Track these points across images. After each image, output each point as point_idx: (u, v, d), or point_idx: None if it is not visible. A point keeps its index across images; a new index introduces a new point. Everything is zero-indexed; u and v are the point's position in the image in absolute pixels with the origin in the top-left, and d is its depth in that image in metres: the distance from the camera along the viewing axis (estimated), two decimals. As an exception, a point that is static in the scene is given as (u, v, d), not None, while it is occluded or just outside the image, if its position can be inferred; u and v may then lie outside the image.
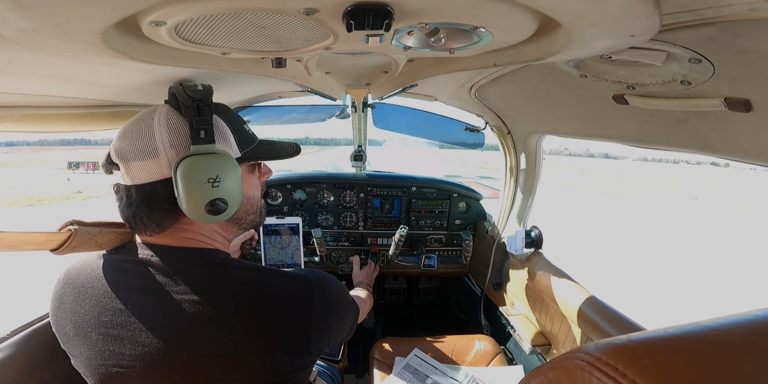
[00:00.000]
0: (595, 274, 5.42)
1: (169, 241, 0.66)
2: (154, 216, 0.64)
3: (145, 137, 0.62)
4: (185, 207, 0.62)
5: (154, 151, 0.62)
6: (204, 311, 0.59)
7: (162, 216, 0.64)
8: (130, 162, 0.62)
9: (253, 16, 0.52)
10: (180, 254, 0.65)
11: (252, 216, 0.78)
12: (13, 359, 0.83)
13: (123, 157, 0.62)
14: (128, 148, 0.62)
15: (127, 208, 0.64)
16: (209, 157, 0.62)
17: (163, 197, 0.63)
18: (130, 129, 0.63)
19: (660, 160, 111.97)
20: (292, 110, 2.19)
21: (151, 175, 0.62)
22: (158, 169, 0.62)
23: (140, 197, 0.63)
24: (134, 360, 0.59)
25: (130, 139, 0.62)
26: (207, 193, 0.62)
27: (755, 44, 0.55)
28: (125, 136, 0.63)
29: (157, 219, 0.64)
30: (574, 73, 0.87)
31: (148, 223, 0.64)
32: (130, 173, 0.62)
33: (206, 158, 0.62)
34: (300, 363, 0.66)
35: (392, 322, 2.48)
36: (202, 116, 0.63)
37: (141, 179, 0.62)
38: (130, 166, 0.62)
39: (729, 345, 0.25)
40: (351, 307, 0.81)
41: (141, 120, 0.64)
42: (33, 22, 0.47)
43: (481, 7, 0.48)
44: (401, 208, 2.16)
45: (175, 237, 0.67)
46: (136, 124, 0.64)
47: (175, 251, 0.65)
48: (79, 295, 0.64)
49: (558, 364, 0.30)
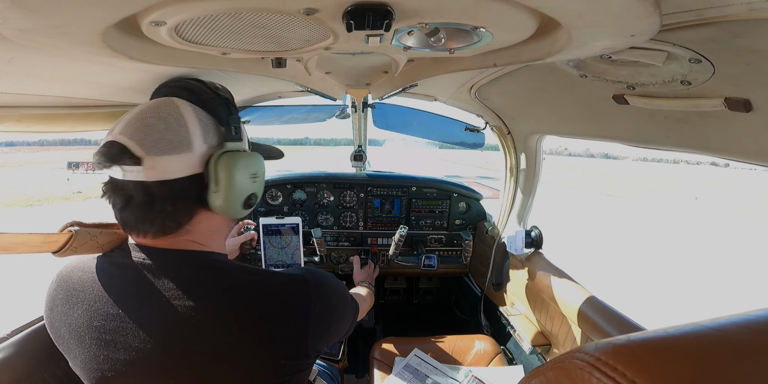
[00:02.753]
0: (591, 273, 5.42)
1: (166, 243, 0.64)
2: (177, 214, 0.62)
3: (179, 129, 0.60)
4: (221, 202, 0.63)
5: (189, 145, 0.60)
6: (199, 314, 0.58)
7: (185, 214, 0.63)
8: (159, 155, 0.58)
9: (253, 16, 0.52)
10: (174, 257, 0.64)
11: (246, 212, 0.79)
12: (12, 359, 0.83)
13: (152, 149, 0.57)
14: (159, 139, 0.58)
15: (145, 208, 0.59)
16: (248, 154, 0.67)
17: (191, 193, 0.62)
18: (153, 120, 0.59)
19: (660, 160, 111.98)
20: (292, 110, 2.19)
21: (182, 170, 0.60)
22: (190, 164, 0.61)
23: (165, 194, 0.59)
24: (129, 365, 0.59)
25: (159, 131, 0.59)
26: (248, 188, 0.66)
27: (755, 44, 0.55)
28: (148, 125, 0.59)
29: (179, 218, 0.62)
30: (574, 73, 0.87)
31: (169, 224, 0.61)
32: (156, 168, 0.58)
33: (247, 155, 0.66)
34: (298, 365, 0.65)
35: (392, 322, 2.48)
36: (234, 115, 0.66)
37: (171, 174, 0.59)
38: (159, 160, 0.58)
39: (729, 345, 0.25)
40: (349, 305, 0.80)
41: (164, 112, 0.61)
42: (33, 22, 0.47)
43: (481, 7, 0.48)
44: (401, 208, 2.16)
45: (177, 239, 0.64)
46: (159, 115, 0.60)
47: (169, 254, 0.64)
48: (71, 298, 0.63)
49: (558, 364, 0.30)
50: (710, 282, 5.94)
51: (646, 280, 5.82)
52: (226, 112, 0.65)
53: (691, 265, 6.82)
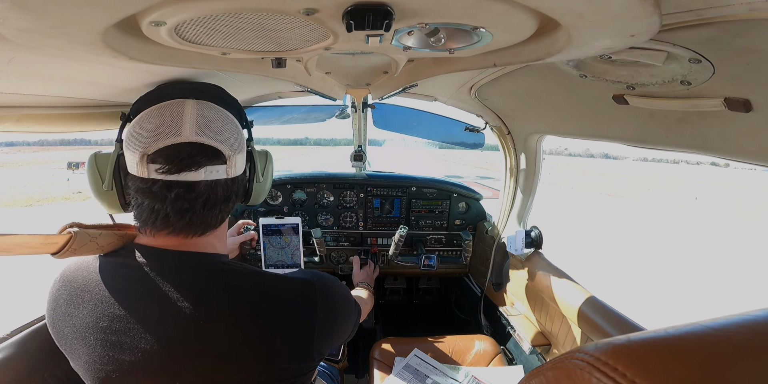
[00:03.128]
0: (592, 273, 5.42)
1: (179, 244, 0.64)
2: (232, 206, 0.68)
3: (237, 131, 0.68)
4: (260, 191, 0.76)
5: (244, 144, 0.69)
6: (204, 317, 0.58)
7: (231, 208, 0.69)
8: (237, 154, 0.65)
9: (253, 16, 0.52)
10: (180, 258, 0.64)
11: None
12: (12, 359, 0.83)
13: (233, 148, 0.64)
14: (234, 141, 0.65)
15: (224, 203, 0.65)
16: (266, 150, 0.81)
17: (241, 187, 0.70)
18: (220, 123, 0.65)
19: (660, 160, 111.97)
20: (292, 110, 2.19)
21: (242, 166, 0.68)
22: (245, 160, 0.70)
23: (236, 188, 0.68)
24: (134, 366, 0.59)
25: (230, 132, 0.65)
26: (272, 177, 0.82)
27: (755, 44, 0.55)
28: (222, 128, 0.64)
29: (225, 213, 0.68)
30: (574, 73, 0.87)
31: (224, 216, 0.68)
32: (235, 166, 0.65)
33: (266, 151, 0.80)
34: (302, 368, 0.65)
35: (392, 323, 2.48)
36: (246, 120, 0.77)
37: (240, 170, 0.67)
38: (236, 159, 0.65)
39: (729, 345, 0.25)
40: (353, 309, 0.80)
41: (220, 114, 0.67)
42: (33, 22, 0.47)
43: (481, 7, 0.48)
44: (401, 208, 2.16)
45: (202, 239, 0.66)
46: (220, 119, 0.66)
47: (175, 255, 0.64)
48: (76, 299, 0.63)
49: (557, 365, 0.30)
50: (710, 282, 5.94)
51: (646, 280, 5.82)
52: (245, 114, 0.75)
53: (691, 265, 6.82)
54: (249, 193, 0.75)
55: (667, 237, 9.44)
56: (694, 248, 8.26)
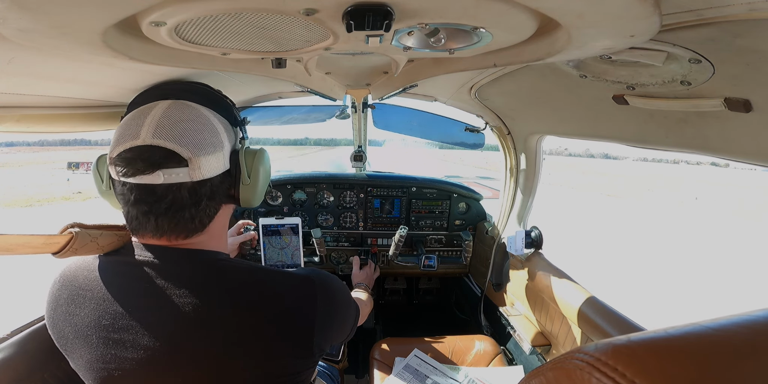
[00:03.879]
0: (592, 273, 5.42)
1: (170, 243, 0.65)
2: (209, 212, 0.66)
3: (213, 130, 0.65)
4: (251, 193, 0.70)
5: (221, 145, 0.66)
6: (205, 313, 0.59)
7: (214, 211, 0.67)
8: (203, 156, 0.61)
9: (253, 16, 0.52)
10: (180, 255, 0.64)
11: None
12: (12, 359, 0.83)
13: (197, 149, 0.61)
14: (202, 142, 0.62)
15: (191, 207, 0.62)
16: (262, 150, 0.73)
17: (223, 189, 0.68)
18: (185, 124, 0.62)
19: (660, 160, 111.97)
20: (292, 110, 2.19)
21: (217, 168, 0.65)
22: (222, 161, 0.66)
23: (206, 191, 0.64)
24: (136, 363, 0.59)
25: (200, 133, 0.62)
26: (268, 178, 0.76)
27: (755, 44, 0.55)
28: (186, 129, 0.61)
29: (211, 214, 0.67)
30: (574, 73, 0.87)
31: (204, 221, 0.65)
32: (200, 168, 0.61)
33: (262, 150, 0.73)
34: (302, 364, 0.66)
35: (392, 323, 2.48)
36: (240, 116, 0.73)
37: (209, 173, 0.63)
38: (202, 161, 0.61)
39: (729, 345, 0.25)
40: (352, 307, 0.80)
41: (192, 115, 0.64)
42: (33, 22, 0.47)
43: (481, 7, 0.48)
44: (401, 208, 2.16)
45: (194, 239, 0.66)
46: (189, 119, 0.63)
47: (175, 252, 0.64)
48: (77, 298, 0.63)
49: (557, 365, 0.30)
50: (710, 282, 5.94)
51: (646, 280, 5.82)
52: (236, 113, 0.72)
53: (690, 265, 6.82)
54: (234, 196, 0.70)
55: (667, 237, 9.44)
56: (694, 248, 8.25)
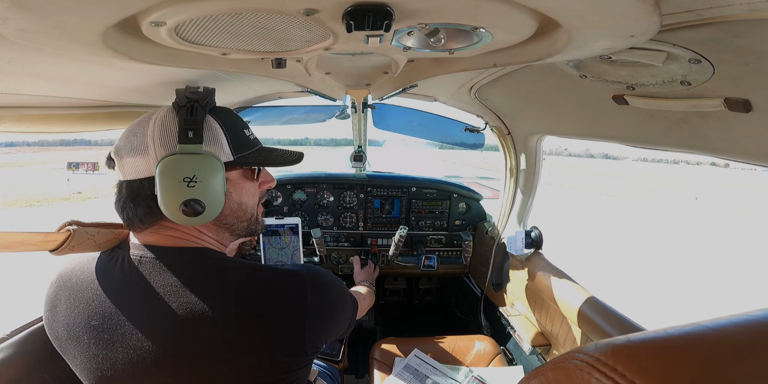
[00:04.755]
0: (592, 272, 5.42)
1: (158, 240, 0.66)
2: (138, 212, 0.65)
3: (139, 135, 0.64)
4: (162, 205, 0.62)
5: (145, 149, 0.62)
6: (195, 311, 0.58)
7: (145, 213, 0.65)
8: (123, 158, 0.64)
9: (253, 16, 0.52)
10: (171, 254, 0.64)
11: (245, 223, 0.75)
12: (12, 359, 0.83)
13: (118, 152, 0.65)
14: (122, 145, 0.65)
15: (117, 202, 0.67)
16: (190, 157, 0.61)
17: (147, 194, 0.64)
18: (131, 127, 0.66)
19: (660, 160, 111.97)
20: (292, 111, 2.19)
21: (139, 172, 0.64)
22: (146, 166, 0.63)
23: (128, 193, 0.65)
24: (128, 363, 0.59)
25: (127, 136, 0.65)
26: (181, 193, 0.61)
27: (755, 44, 0.55)
28: (125, 133, 0.66)
29: (141, 215, 0.65)
30: (574, 73, 0.87)
31: (133, 218, 0.66)
32: (122, 169, 0.65)
33: (186, 157, 0.61)
34: (296, 362, 0.65)
35: (392, 323, 2.48)
36: (193, 117, 0.62)
37: (130, 175, 0.64)
38: (123, 162, 0.64)
39: (729, 345, 0.25)
40: (348, 302, 0.79)
41: (142, 119, 0.67)
42: (33, 22, 0.47)
43: (480, 7, 0.48)
44: (401, 208, 2.16)
45: (162, 235, 0.67)
46: (137, 122, 0.67)
47: (166, 251, 0.64)
48: (70, 299, 0.63)
49: (557, 365, 0.30)
50: (711, 282, 5.94)
51: (647, 279, 5.82)
52: (186, 113, 0.62)
53: (691, 265, 6.82)
54: None
55: (667, 236, 9.44)
56: (693, 248, 8.25)
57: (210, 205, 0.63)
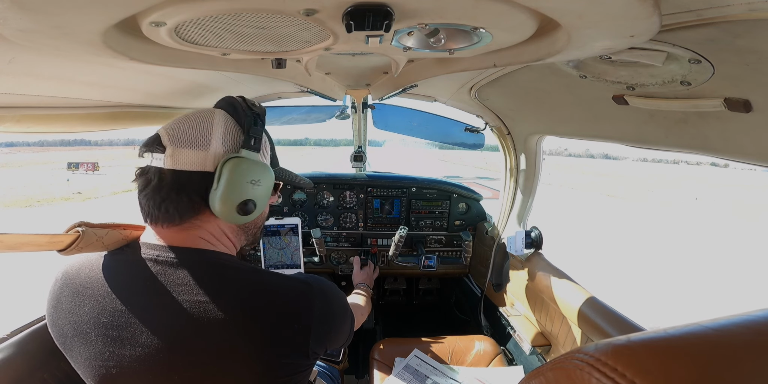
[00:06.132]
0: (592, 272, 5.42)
1: (180, 239, 0.66)
2: (180, 205, 0.65)
3: (204, 130, 0.66)
4: (218, 202, 0.65)
5: (207, 145, 0.66)
6: (204, 313, 0.59)
7: (187, 207, 0.66)
8: (179, 147, 0.64)
9: (253, 16, 0.52)
10: (183, 255, 0.65)
11: (256, 230, 0.81)
12: (12, 359, 0.83)
13: (176, 141, 0.65)
14: (184, 135, 0.65)
15: (155, 192, 0.64)
16: (256, 162, 0.69)
17: (195, 188, 0.66)
18: (189, 120, 0.67)
19: (660, 160, 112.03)
20: (292, 111, 2.19)
21: (192, 164, 0.65)
22: (202, 161, 0.66)
23: (173, 182, 0.64)
24: (134, 361, 0.59)
25: (188, 128, 0.66)
26: (245, 192, 0.67)
27: (755, 44, 0.55)
28: (183, 123, 0.67)
29: (182, 209, 0.65)
30: (574, 73, 0.87)
31: (172, 212, 0.65)
32: (173, 157, 0.64)
33: (254, 162, 0.68)
34: (298, 366, 0.66)
35: (392, 323, 2.48)
36: (257, 127, 0.71)
37: (182, 166, 0.64)
38: (178, 152, 0.64)
39: (729, 345, 0.25)
40: (348, 314, 0.81)
41: (201, 115, 0.69)
42: (33, 22, 0.47)
43: (480, 7, 0.48)
44: (401, 208, 2.16)
45: (187, 233, 0.67)
46: (196, 117, 0.68)
47: (177, 251, 0.65)
48: (78, 296, 0.64)
49: (557, 365, 0.30)
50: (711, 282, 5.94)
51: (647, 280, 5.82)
52: (251, 123, 0.70)
53: (691, 265, 6.82)
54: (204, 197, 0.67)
55: (667, 237, 9.44)
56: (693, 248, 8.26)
57: (258, 207, 0.71)
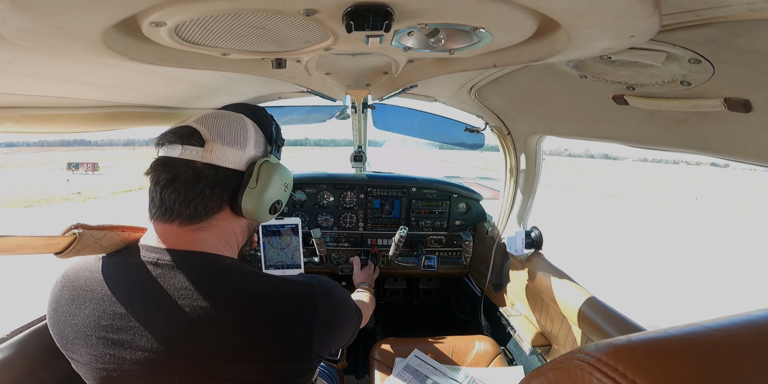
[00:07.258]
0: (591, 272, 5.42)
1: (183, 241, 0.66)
2: (210, 202, 0.66)
3: (241, 131, 0.70)
4: (253, 201, 0.68)
5: (244, 145, 0.70)
6: (205, 316, 0.59)
7: (216, 203, 0.67)
8: (221, 144, 0.66)
9: (253, 16, 0.52)
10: (184, 258, 0.64)
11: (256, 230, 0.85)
12: (12, 360, 0.83)
13: (219, 137, 0.67)
14: (225, 133, 0.68)
15: (189, 186, 0.64)
16: (286, 168, 0.76)
17: (228, 184, 0.68)
18: (223, 119, 0.70)
19: (660, 160, 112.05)
20: (292, 111, 2.19)
21: (228, 162, 0.67)
22: (238, 159, 0.69)
23: (209, 176, 0.65)
24: (135, 364, 0.59)
25: (227, 127, 0.69)
26: (278, 194, 0.74)
27: (755, 44, 0.55)
28: (220, 122, 0.69)
29: (210, 206, 0.66)
30: (574, 73, 0.87)
31: (201, 210, 0.65)
32: (212, 153, 0.65)
33: (285, 168, 0.75)
34: (301, 369, 0.66)
35: (392, 323, 2.47)
36: (280, 137, 0.80)
37: (218, 161, 0.66)
38: (219, 148, 0.66)
39: (730, 345, 0.25)
40: (354, 314, 0.80)
41: (233, 117, 0.72)
42: (33, 22, 0.47)
43: (480, 7, 0.48)
44: (401, 208, 2.16)
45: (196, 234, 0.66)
46: (228, 118, 0.71)
47: (179, 255, 0.64)
48: (78, 298, 0.63)
49: (558, 365, 0.30)
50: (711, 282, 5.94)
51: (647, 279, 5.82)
52: (275, 133, 0.79)
53: (691, 265, 6.82)
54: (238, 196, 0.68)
55: (666, 237, 9.44)
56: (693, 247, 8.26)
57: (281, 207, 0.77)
